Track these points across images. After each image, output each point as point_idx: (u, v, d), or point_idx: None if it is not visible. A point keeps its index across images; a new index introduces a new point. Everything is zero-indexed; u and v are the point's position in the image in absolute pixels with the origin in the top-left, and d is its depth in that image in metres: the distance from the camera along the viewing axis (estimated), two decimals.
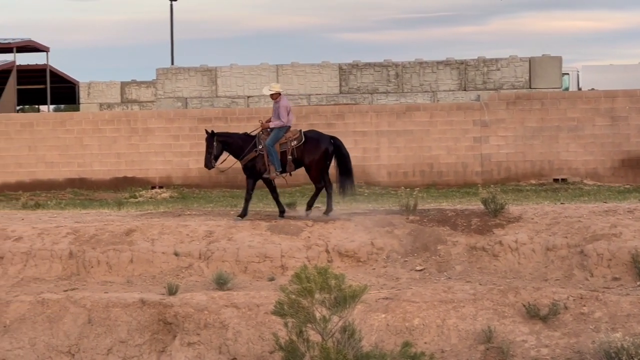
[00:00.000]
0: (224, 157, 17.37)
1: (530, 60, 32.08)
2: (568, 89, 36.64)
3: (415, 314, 13.83)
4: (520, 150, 27.24)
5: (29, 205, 22.58)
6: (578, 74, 38.78)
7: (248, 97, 32.40)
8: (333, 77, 32.61)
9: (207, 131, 17.36)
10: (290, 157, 17.00)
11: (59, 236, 16.39)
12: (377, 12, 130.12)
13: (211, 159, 17.19)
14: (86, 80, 36.44)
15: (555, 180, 26.91)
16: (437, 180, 27.12)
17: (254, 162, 17.10)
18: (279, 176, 17.14)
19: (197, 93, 32.91)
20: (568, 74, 37.18)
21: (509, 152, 27.27)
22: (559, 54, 32.24)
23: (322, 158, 17.11)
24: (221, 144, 17.23)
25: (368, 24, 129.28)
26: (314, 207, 17.55)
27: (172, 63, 45.10)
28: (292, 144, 17.02)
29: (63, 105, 53.74)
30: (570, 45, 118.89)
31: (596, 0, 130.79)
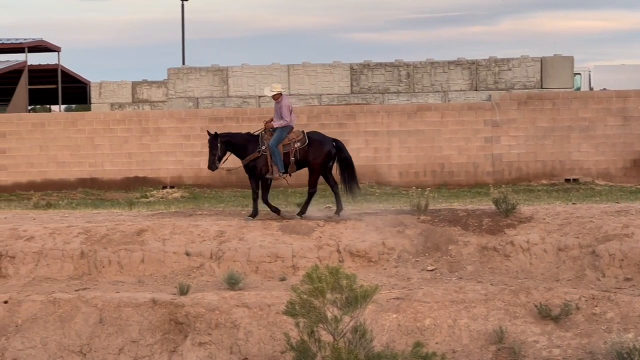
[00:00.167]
0: (227, 157, 17.25)
1: (541, 60, 31.97)
2: (580, 89, 36.48)
3: (427, 314, 13.82)
4: (532, 151, 27.16)
5: (40, 205, 22.63)
6: (590, 74, 38.61)
7: (259, 97, 32.35)
8: (344, 77, 32.55)
9: (210, 133, 17.28)
10: (293, 159, 16.92)
11: (70, 236, 16.41)
12: (388, 12, 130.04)
13: (215, 160, 17.06)
14: (97, 80, 36.38)
15: (567, 180, 26.83)
16: (448, 180, 27.06)
17: (256, 163, 16.99)
18: (281, 177, 17.06)
19: (209, 93, 32.90)
20: (580, 73, 37.01)
21: (521, 152, 27.19)
22: (571, 53, 32.13)
23: (325, 160, 17.02)
24: (224, 145, 17.10)
25: (379, 24, 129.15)
26: (325, 207, 17.52)
27: (184, 63, 45.06)
28: (296, 146, 16.92)
29: (74, 105, 53.74)
30: (582, 45, 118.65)
31: (608, 0, 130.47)
